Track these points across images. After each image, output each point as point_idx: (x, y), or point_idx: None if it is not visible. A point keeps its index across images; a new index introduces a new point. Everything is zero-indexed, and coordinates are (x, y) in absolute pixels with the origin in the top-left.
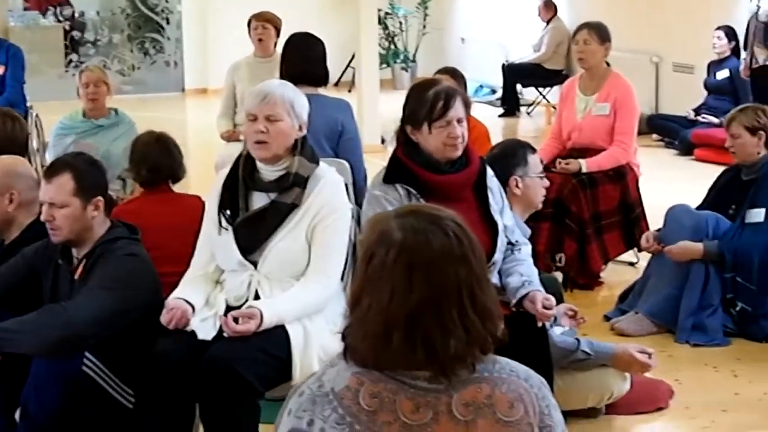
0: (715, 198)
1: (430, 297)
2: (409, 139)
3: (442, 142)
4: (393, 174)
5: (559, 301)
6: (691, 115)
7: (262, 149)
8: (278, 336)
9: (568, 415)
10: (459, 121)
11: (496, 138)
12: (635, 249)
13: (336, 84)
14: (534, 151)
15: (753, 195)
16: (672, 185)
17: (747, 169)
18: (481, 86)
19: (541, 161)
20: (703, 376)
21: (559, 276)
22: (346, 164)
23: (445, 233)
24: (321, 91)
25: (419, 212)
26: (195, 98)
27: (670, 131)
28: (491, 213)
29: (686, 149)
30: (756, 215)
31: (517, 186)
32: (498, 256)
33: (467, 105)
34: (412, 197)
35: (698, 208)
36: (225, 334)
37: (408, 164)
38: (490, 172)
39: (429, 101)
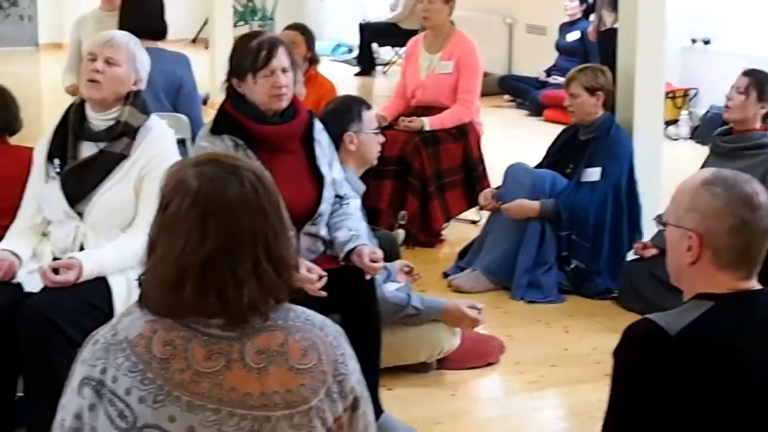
0: (554, 157)
1: (223, 246)
2: (236, 91)
3: (266, 92)
4: (220, 125)
5: (396, 257)
6: (543, 76)
7: (93, 88)
8: (100, 287)
9: (400, 369)
10: (284, 70)
11: None
12: (477, 207)
13: (193, 41)
14: (369, 107)
15: (590, 154)
16: (520, 145)
17: (585, 129)
18: (339, 45)
19: (385, 118)
20: (535, 331)
21: (401, 233)
22: (185, 118)
23: (241, 183)
24: (160, 44)
25: (217, 161)
26: (49, 53)
27: (521, 92)
28: (318, 165)
29: (536, 110)
30: (592, 174)
31: (351, 142)
32: (324, 207)
33: (293, 56)
34: (240, 148)
35: (537, 166)
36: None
37: (235, 115)
38: (318, 125)
39: (252, 51)
